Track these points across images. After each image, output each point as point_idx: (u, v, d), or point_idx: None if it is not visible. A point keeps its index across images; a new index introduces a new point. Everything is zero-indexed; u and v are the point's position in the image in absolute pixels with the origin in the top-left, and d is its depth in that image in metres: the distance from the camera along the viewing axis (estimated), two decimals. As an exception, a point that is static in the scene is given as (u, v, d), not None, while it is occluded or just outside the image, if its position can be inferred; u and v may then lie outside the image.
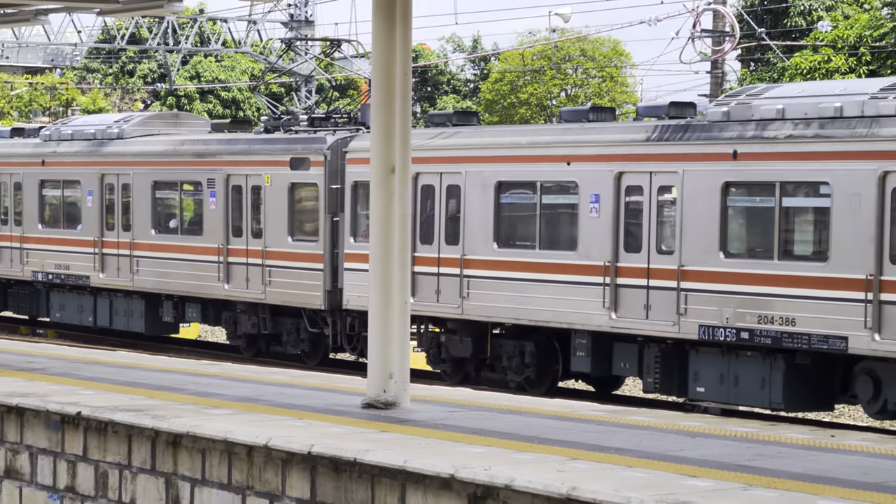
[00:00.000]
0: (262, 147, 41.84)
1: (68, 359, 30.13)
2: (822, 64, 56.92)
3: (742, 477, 13.81)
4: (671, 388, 34.58)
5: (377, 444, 15.73)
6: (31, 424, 19.19)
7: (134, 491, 17.79)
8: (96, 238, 46.20)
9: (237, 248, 41.39)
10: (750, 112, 32.16)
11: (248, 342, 44.66)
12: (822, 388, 32.42)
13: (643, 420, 19.96)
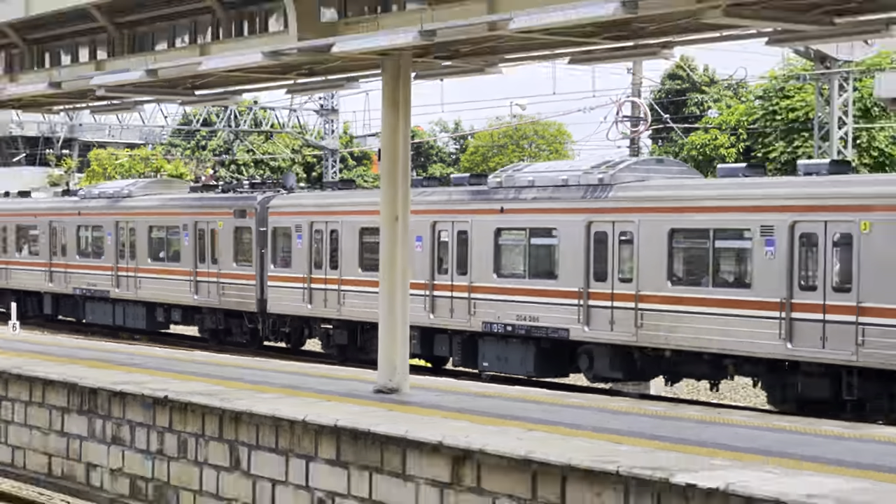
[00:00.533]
0: (218, 202, 47.41)
1: (158, 357, 30.19)
2: (710, 141, 57.42)
3: (655, 443, 14.57)
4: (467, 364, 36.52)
5: (385, 420, 16.23)
6: (130, 405, 19.29)
7: (206, 454, 17.94)
8: (113, 264, 52.06)
9: (203, 270, 46.72)
10: (513, 181, 34.99)
11: (210, 335, 49.69)
12: (558, 362, 34.01)
13: (581, 402, 19.91)
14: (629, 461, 13.02)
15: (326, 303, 40.50)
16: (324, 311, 40.62)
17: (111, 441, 19.51)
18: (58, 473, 20.47)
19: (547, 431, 15.46)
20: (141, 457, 18.93)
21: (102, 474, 19.55)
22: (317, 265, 41.44)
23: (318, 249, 41.39)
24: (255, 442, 17.19)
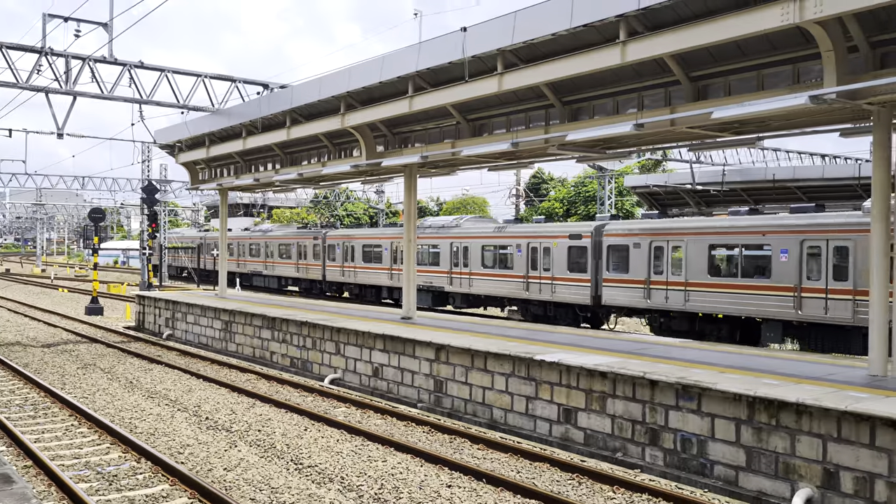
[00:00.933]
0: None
1: (312, 304, 26.95)
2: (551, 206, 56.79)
3: (637, 357, 12.26)
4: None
5: (405, 330, 15.79)
6: (290, 324, 18.89)
7: (324, 346, 17.56)
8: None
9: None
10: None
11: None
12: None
13: (518, 326, 18.72)
14: (516, 350, 12.94)
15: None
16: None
17: (281, 340, 19.17)
18: (257, 356, 20.25)
19: (492, 338, 14.82)
20: (295, 347, 18.65)
21: (277, 356, 19.43)
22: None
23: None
24: (347, 340, 16.79)
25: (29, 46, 18.30)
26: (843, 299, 17.75)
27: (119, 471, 9.97)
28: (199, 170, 27.32)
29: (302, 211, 71.27)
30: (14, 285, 52.02)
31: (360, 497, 9.11)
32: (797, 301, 18.46)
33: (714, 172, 31.99)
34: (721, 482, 9.64)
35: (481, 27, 13.65)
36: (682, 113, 12.15)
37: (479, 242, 28.84)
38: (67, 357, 20.15)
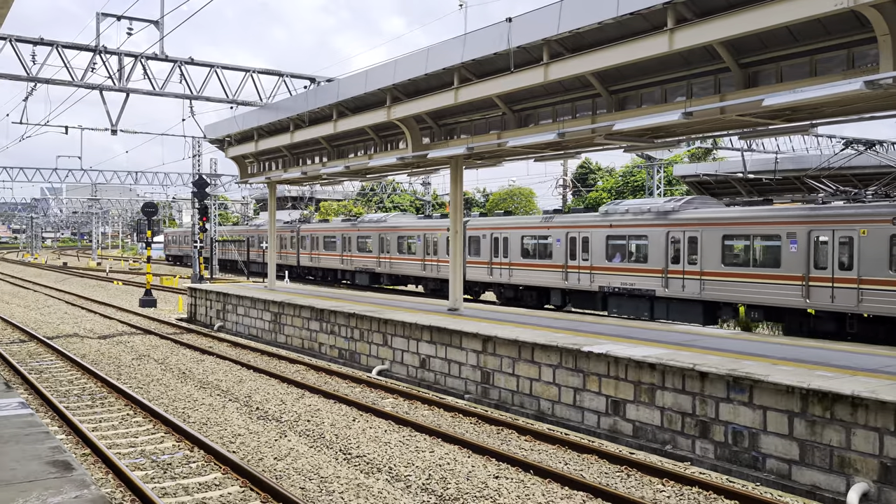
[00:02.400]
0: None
1: (356, 294, 27.95)
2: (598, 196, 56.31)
3: (687, 348, 12.21)
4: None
5: (451, 321, 15.88)
6: (338, 315, 19.07)
7: (372, 338, 17.72)
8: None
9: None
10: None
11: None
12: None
13: (554, 315, 18.56)
14: (563, 341, 12.89)
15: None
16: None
17: (329, 332, 19.40)
18: (306, 347, 20.53)
19: (539, 329, 14.87)
20: (343, 339, 18.85)
21: (325, 347, 19.66)
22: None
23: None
24: (394, 332, 16.91)
25: (84, 45, 18.78)
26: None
27: (173, 459, 10.23)
28: (247, 164, 27.76)
29: (349, 203, 71.91)
30: (72, 278, 53.50)
31: (408, 487, 9.20)
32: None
33: (766, 160, 31.33)
34: (773, 476, 9.48)
35: (526, 17, 13.59)
36: (732, 100, 11.93)
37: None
38: (123, 348, 20.68)
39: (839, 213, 18.42)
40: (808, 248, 18.64)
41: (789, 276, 18.94)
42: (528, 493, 9.01)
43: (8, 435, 6.98)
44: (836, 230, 18.19)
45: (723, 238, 20.70)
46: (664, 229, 22.34)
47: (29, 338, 22.40)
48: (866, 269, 17.44)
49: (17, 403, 8.39)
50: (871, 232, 17.60)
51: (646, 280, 22.89)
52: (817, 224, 18.62)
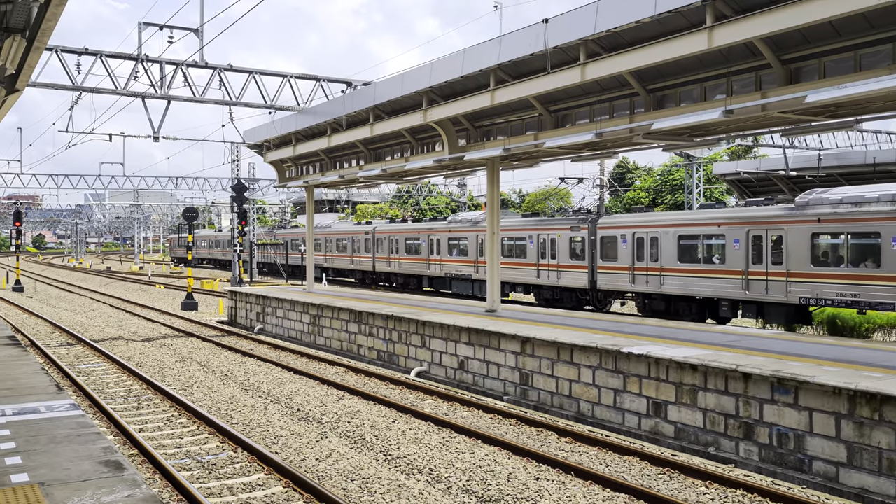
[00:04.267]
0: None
1: (392, 296, 29.05)
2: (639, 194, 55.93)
3: (728, 349, 12.22)
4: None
5: (489, 323, 15.83)
6: (376, 317, 19.13)
7: (410, 339, 17.90)
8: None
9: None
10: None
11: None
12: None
13: (589, 315, 18.47)
14: (602, 343, 12.80)
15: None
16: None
17: (368, 334, 19.50)
18: (344, 349, 20.68)
19: (576, 330, 14.80)
20: (381, 340, 18.95)
21: (364, 349, 19.78)
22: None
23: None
24: (432, 333, 16.96)
25: (126, 54, 19.18)
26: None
27: (217, 460, 10.42)
28: (285, 168, 28.05)
29: (385, 206, 72.24)
30: (115, 282, 54.58)
31: (448, 488, 9.25)
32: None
33: (809, 157, 30.81)
34: (820, 478, 9.33)
35: (563, 18, 13.57)
36: (773, 98, 11.78)
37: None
38: (166, 351, 21.05)
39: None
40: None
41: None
42: (570, 494, 8.99)
43: (61, 436, 7.18)
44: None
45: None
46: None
47: (76, 341, 22.93)
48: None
49: (68, 405, 8.61)
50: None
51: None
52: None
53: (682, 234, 22.91)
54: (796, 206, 20.20)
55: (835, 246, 19.18)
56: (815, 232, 19.45)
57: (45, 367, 16.51)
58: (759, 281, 20.37)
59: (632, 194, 56.50)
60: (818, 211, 19.53)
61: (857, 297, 18.42)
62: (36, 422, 7.79)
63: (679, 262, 22.89)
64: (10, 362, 11.97)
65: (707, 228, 22.15)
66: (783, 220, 20.15)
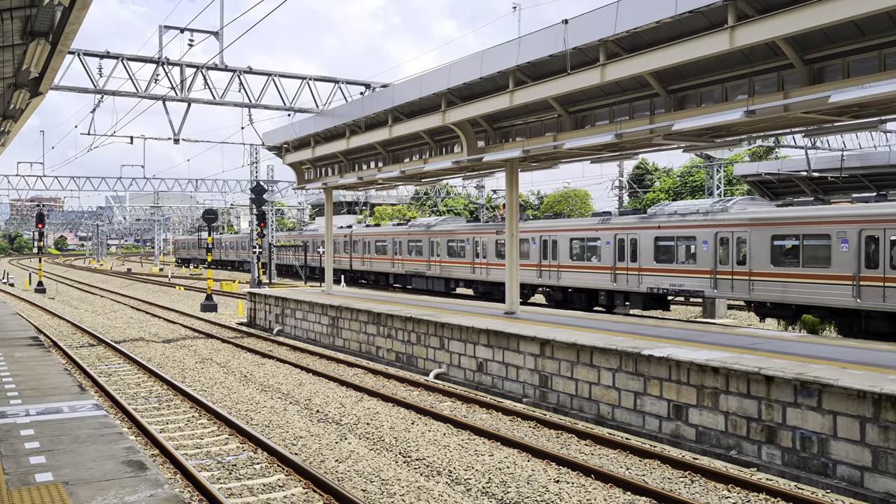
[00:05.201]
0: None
1: (408, 297, 29.24)
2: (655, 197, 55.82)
3: (751, 352, 12.81)
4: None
5: (508, 325, 15.78)
6: (395, 319, 19.22)
7: (428, 341, 17.80)
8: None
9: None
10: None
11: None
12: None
13: (609, 318, 18.40)
14: (622, 345, 12.78)
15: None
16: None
17: (386, 336, 19.50)
18: (363, 351, 20.70)
19: (595, 332, 14.70)
20: (400, 342, 18.94)
21: (383, 351, 19.81)
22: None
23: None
24: (451, 335, 16.85)
25: (147, 58, 19.38)
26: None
27: (238, 460, 10.47)
28: (304, 170, 28.18)
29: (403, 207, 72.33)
30: (135, 284, 55.06)
31: (468, 490, 9.24)
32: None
33: (831, 158, 30.49)
34: (845, 483, 9.23)
35: (582, 19, 13.53)
36: (796, 98, 11.67)
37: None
38: (186, 352, 21.20)
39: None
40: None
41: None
42: (590, 497, 8.95)
43: (84, 436, 7.25)
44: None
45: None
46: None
47: (97, 342, 23.13)
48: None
49: (90, 405, 8.70)
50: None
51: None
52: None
53: (573, 237, 28.24)
54: (647, 216, 25.29)
55: (668, 247, 24.13)
56: (657, 236, 24.40)
57: (68, 368, 16.65)
58: (623, 275, 25.70)
59: (651, 196, 56.26)
60: (658, 220, 24.51)
61: (682, 286, 23.36)
62: (59, 422, 7.87)
63: (571, 259, 28.40)
64: (34, 363, 12.11)
65: (590, 233, 27.52)
66: (636, 227, 25.42)
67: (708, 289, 22.97)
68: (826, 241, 19.66)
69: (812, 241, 20.10)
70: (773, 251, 21.00)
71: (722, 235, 22.50)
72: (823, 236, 19.79)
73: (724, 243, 22.40)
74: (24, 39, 10.71)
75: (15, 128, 18.48)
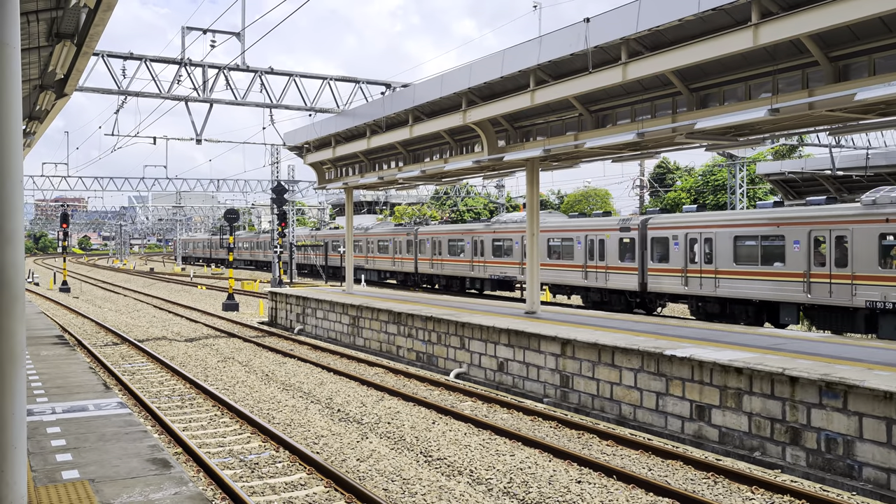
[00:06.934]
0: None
1: (430, 297, 29.09)
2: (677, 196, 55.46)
3: (774, 352, 12.32)
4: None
5: (529, 324, 15.75)
6: (414, 319, 19.19)
7: (449, 341, 17.77)
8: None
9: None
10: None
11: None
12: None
13: (632, 318, 18.29)
14: (644, 345, 12.71)
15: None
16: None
17: (407, 335, 19.55)
18: (384, 350, 20.74)
19: (616, 332, 14.65)
20: (421, 342, 18.97)
21: (403, 351, 19.84)
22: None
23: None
24: (471, 335, 16.83)
25: (170, 59, 19.54)
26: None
27: (260, 459, 10.51)
28: (325, 170, 28.29)
29: (423, 207, 72.39)
30: (158, 283, 55.55)
31: (489, 490, 9.22)
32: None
33: (856, 156, 30.13)
34: (871, 485, 9.11)
35: (604, 17, 13.47)
36: (821, 96, 11.55)
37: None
38: (208, 351, 21.37)
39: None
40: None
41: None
42: (612, 498, 8.90)
43: (110, 433, 7.32)
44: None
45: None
46: None
47: (121, 340, 23.38)
48: None
49: (115, 403, 8.79)
50: None
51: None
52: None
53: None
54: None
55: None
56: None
57: (93, 367, 16.83)
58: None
59: (672, 195, 55.87)
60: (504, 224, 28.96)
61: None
62: (85, 419, 7.96)
63: (494, 256, 32.36)
64: (59, 361, 12.25)
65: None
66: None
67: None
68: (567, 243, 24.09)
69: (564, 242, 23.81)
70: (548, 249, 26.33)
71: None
72: (513, 239, 24.58)
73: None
74: (49, 41, 10.84)
75: (41, 129, 18.73)
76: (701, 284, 22.97)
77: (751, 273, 21.47)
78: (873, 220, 18.56)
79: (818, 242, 19.97)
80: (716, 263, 22.57)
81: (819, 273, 19.67)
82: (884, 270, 18.23)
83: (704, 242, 23.00)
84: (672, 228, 24.35)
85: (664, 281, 24.30)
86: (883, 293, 18.13)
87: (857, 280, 18.75)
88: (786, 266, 20.58)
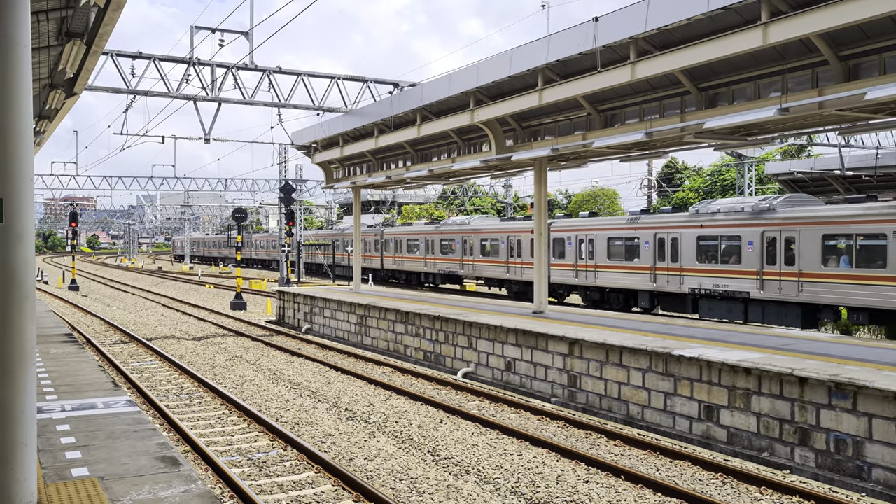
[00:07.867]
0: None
1: (437, 296, 29.01)
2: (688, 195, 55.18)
3: (783, 352, 12.40)
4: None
5: (536, 324, 15.74)
6: (425, 318, 19.17)
7: (456, 340, 17.76)
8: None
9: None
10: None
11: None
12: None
13: (640, 318, 18.29)
14: (652, 345, 12.68)
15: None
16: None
17: (414, 334, 19.56)
18: (391, 350, 20.76)
19: (623, 331, 14.64)
20: (428, 341, 18.98)
21: (411, 350, 19.84)
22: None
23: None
24: (479, 334, 16.88)
25: (179, 58, 19.59)
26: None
27: (268, 458, 10.53)
28: (333, 169, 28.31)
29: (431, 206, 72.34)
30: (166, 282, 55.71)
31: (497, 490, 9.22)
32: None
33: (866, 156, 29.99)
34: (881, 486, 9.07)
35: (613, 16, 13.45)
36: (831, 95, 11.50)
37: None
38: (216, 349, 21.41)
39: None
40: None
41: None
42: (620, 498, 8.88)
43: (119, 431, 7.35)
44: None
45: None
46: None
47: (129, 339, 23.46)
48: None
49: (124, 401, 8.82)
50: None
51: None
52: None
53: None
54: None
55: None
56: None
57: (101, 365, 16.88)
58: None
59: (680, 195, 55.71)
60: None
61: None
62: (94, 417, 7.99)
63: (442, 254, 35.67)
64: (69, 359, 12.31)
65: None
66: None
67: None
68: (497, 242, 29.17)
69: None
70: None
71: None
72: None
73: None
74: (59, 40, 10.89)
75: (50, 128, 18.81)
76: (586, 276, 28.22)
77: (618, 267, 26.85)
78: (694, 226, 23.88)
79: (662, 243, 25.06)
80: (595, 259, 27.76)
81: (661, 267, 25.02)
82: (700, 264, 23.54)
83: (588, 242, 28.12)
84: (566, 231, 29.34)
85: (561, 274, 29.35)
86: (699, 282, 23.50)
87: (684, 272, 24.13)
88: (640, 261, 25.78)
